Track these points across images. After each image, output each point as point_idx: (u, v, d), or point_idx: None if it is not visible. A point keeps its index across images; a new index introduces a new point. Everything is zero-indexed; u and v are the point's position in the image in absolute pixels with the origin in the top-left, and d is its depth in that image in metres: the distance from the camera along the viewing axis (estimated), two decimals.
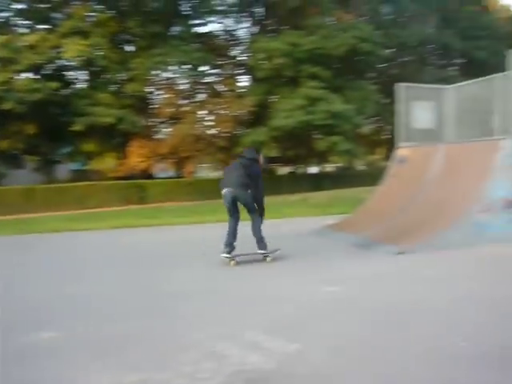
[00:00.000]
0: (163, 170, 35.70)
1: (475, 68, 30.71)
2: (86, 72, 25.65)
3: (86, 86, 25.55)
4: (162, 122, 27.77)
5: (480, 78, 8.65)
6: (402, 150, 9.26)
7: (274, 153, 31.47)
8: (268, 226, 8.07)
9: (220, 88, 27.07)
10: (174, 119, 25.50)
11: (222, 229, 6.50)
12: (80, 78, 26.53)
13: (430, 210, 7.33)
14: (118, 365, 3.00)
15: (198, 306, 4.31)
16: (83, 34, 22.03)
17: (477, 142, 8.13)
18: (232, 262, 6.04)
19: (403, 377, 2.75)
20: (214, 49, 26.11)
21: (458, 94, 8.99)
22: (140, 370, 2.89)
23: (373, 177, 16.46)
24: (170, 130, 25.75)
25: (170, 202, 20.61)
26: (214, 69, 27.59)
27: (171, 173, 34.25)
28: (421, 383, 2.68)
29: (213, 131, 25.91)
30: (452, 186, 7.53)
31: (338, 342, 3.29)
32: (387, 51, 27.62)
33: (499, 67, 7.14)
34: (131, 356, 3.14)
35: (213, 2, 25.88)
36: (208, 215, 12.64)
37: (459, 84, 9.30)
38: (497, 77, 8.04)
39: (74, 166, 29.73)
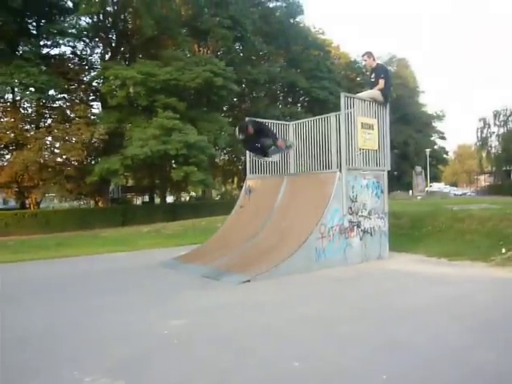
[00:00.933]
0: (4, 200, 32.46)
1: (317, 106, 33.91)
2: None
3: None
4: (3, 148, 25.34)
5: (318, 116, 9.55)
6: (250, 181, 9.72)
7: (128, 182, 30.62)
8: (116, 258, 7.79)
9: (70, 114, 25.71)
10: (17, 145, 23.46)
11: (70, 265, 6.12)
12: None
13: (275, 239, 7.76)
14: None
15: (31, 350, 3.94)
16: None
17: (315, 173, 8.92)
18: None
19: None
20: (64, 72, 24.80)
21: (299, 129, 9.77)
22: None
23: (228, 206, 16.92)
24: (12, 156, 23.57)
25: (11, 236, 18.69)
26: (63, 93, 26.16)
27: (13, 204, 31.31)
28: None
29: (61, 159, 24.36)
30: (294, 214, 8.10)
31: (184, 377, 3.28)
32: (239, 86, 29.01)
33: (338, 106, 7.99)
34: None
35: (63, 24, 24.76)
36: (55, 250, 11.74)
37: (300, 120, 10.12)
38: (332, 116, 8.96)
39: None
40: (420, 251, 8.85)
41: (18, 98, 24.93)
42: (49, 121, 26.11)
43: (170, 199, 36.21)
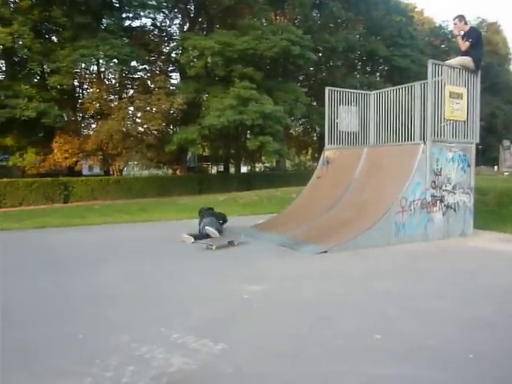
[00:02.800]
0: (90, 167, 34.46)
1: (398, 75, 32.43)
2: (6, 62, 24.17)
3: (5, 76, 24.06)
4: (89, 118, 26.77)
5: (401, 85, 9.15)
6: (328, 152, 9.57)
7: (205, 152, 31.31)
8: (195, 224, 8.05)
9: (150, 84, 26.51)
10: (102, 115, 24.66)
11: (150, 228, 6.45)
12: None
13: (353, 211, 7.64)
14: (36, 372, 2.87)
15: (122, 307, 4.21)
16: (3, 20, 20.68)
17: (397, 145, 8.60)
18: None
19: (324, 371, 2.85)
20: (145, 44, 25.50)
21: (381, 99, 9.43)
22: (60, 378, 2.78)
23: (302, 177, 16.85)
24: (97, 125, 24.84)
25: (97, 201, 19.90)
26: (144, 64, 26.99)
27: (98, 170, 33.16)
28: (339, 375, 2.79)
29: (142, 128, 25.33)
30: (374, 187, 7.90)
31: (264, 340, 3.36)
32: (316, 55, 28.37)
33: (420, 75, 7.61)
34: (51, 363, 3.01)
35: None
36: (136, 215, 12.36)
37: (382, 90, 9.75)
38: (416, 84, 8.55)
39: None
40: (507, 230, 8.37)
41: (102, 69, 26.04)
42: (131, 91, 27.09)
43: (244, 169, 36.66)
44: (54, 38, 25.03)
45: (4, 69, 24.78)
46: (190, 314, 3.98)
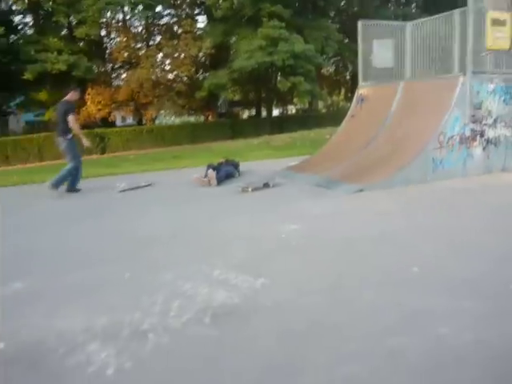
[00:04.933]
0: (123, 117, 34.79)
1: (434, 4, 30.53)
2: (33, 16, 24.12)
3: (33, 31, 24.10)
4: (119, 68, 26.74)
5: (439, 14, 8.65)
6: (363, 90, 9.30)
7: (235, 96, 30.96)
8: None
9: (177, 30, 26.06)
10: (131, 64, 24.57)
11: (186, 174, 6.55)
12: (27, 23, 25.01)
13: (389, 148, 7.50)
14: (89, 308, 3.07)
15: (165, 248, 4.37)
16: None
17: (435, 78, 8.25)
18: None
19: (364, 303, 2.92)
20: None
21: (417, 31, 8.97)
22: (111, 313, 2.96)
23: (335, 118, 16.57)
24: (127, 75, 24.81)
25: (131, 151, 20.22)
26: (169, 9, 26.43)
27: (131, 121, 33.44)
28: (378, 307, 2.85)
29: (172, 75, 25.17)
30: (411, 123, 7.68)
31: (302, 276, 3.45)
32: None
33: (459, 3, 7.16)
34: (102, 300, 3.20)
35: None
36: (172, 162, 12.53)
37: (418, 20, 9.26)
38: (455, 13, 8.06)
39: (27, 117, 28.58)
40: None
41: (128, 17, 25.70)
42: (158, 38, 26.76)
43: (276, 113, 36.18)
44: None
45: (32, 24, 24.78)
46: (230, 252, 4.10)
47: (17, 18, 24.53)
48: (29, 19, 24.77)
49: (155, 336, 2.64)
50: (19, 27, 24.75)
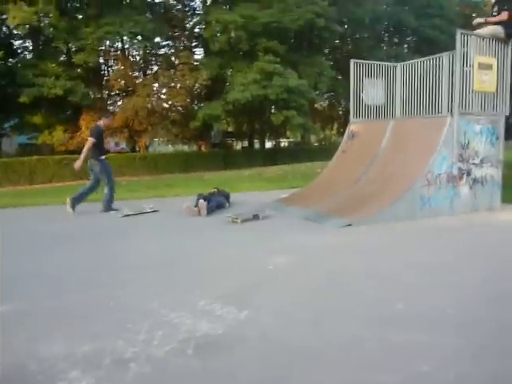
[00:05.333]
0: (117, 144, 34.94)
1: (426, 46, 31.50)
2: (33, 41, 24.51)
3: (32, 55, 24.44)
4: (115, 95, 27.05)
5: (428, 57, 8.95)
6: (354, 126, 9.50)
7: (229, 127, 31.30)
8: None
9: (174, 60, 26.54)
10: (127, 92, 24.89)
11: (176, 203, 6.60)
12: (26, 47, 25.39)
13: (378, 184, 7.61)
14: (72, 335, 3.05)
15: (151, 276, 4.37)
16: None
17: (424, 118, 8.48)
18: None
19: (347, 336, 2.94)
20: (168, 19, 25.51)
21: (407, 71, 9.26)
22: (94, 340, 2.94)
23: (327, 152, 16.75)
24: (123, 102, 25.09)
25: (124, 177, 20.23)
26: (168, 40, 26.99)
27: (124, 147, 33.58)
28: (361, 341, 2.87)
29: (167, 105, 25.49)
30: (400, 160, 7.84)
31: (287, 308, 3.46)
32: (342, 27, 27.80)
33: (449, 46, 7.42)
34: (86, 327, 3.18)
35: None
36: (164, 190, 12.57)
37: (408, 62, 9.56)
38: (444, 55, 8.35)
39: (21, 139, 28.64)
40: None
41: (126, 46, 26.17)
42: (155, 68, 27.25)
43: (268, 145, 36.57)
44: (78, 15, 25.19)
45: (31, 48, 25.15)
46: (217, 283, 4.11)
47: (17, 42, 24.95)
48: (28, 44, 25.17)
49: (137, 365, 2.62)
50: (19, 51, 25.12)
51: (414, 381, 2.43)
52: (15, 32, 23.79)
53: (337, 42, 31.92)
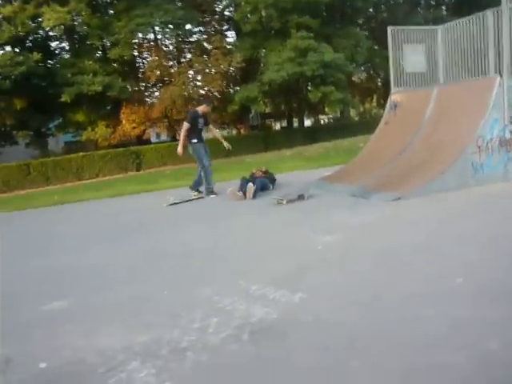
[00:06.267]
0: (157, 134, 35.45)
1: (466, 5, 29.90)
2: (69, 40, 25.05)
3: (69, 54, 25.01)
4: (152, 86, 27.32)
5: (471, 15, 8.45)
6: (395, 96, 9.16)
7: (267, 108, 31.06)
8: None
9: (207, 46, 26.47)
10: (163, 82, 25.08)
11: (222, 187, 6.67)
12: (63, 47, 26.00)
13: (425, 155, 7.32)
14: (128, 326, 3.10)
15: (200, 263, 4.39)
16: (60, 0, 21.29)
17: (470, 81, 8.05)
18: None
19: (407, 315, 2.83)
20: (197, 5, 25.31)
21: (449, 34, 8.79)
22: (150, 330, 2.98)
23: (368, 126, 16.35)
24: (160, 93, 25.32)
25: (167, 166, 20.53)
26: (199, 26, 26.89)
27: (165, 137, 34.02)
28: (421, 319, 2.75)
29: (203, 91, 25.51)
30: (447, 127, 7.50)
31: (341, 289, 3.38)
32: None
33: (491, 3, 6.97)
34: (141, 317, 3.23)
35: None
36: None
37: (450, 23, 9.08)
38: (488, 13, 7.85)
39: (66, 137, 29.54)
40: None
41: (159, 36, 26.27)
42: (188, 55, 27.22)
43: (307, 123, 36.07)
44: (109, 10, 25.47)
45: (68, 48, 25.72)
46: (267, 266, 4.08)
47: (54, 44, 25.58)
48: (65, 44, 25.75)
49: (194, 354, 2.63)
50: (56, 52, 25.76)
51: (481, 360, 2.31)
52: (51, 34, 24.38)
53: (370, 10, 30.84)
